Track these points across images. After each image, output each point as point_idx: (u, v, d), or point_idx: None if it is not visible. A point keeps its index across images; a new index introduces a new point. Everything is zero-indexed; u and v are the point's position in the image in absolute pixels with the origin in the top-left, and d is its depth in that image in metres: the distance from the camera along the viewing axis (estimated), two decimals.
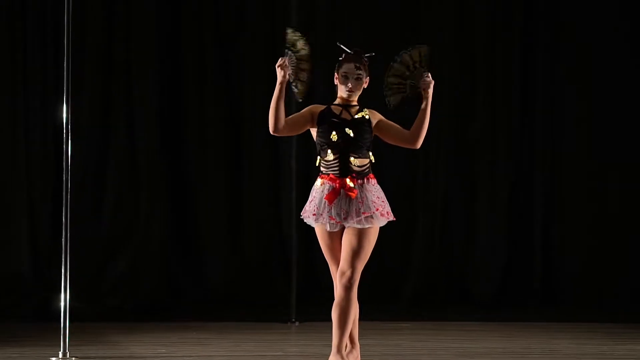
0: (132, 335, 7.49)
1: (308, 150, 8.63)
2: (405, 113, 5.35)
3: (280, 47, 8.87)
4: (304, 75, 5.32)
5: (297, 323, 8.16)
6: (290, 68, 5.27)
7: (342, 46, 5.35)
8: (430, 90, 5.26)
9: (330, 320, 5.13)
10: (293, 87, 5.34)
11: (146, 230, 9.01)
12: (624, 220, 9.10)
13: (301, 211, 5.35)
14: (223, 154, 9.10)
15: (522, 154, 9.25)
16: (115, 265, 8.93)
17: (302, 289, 8.61)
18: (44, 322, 7.94)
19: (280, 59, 5.26)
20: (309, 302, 8.61)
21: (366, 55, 5.34)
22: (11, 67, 8.88)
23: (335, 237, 5.28)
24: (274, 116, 5.24)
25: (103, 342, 7.10)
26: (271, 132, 5.28)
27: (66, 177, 5.96)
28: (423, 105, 5.27)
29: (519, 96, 9.25)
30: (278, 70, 5.24)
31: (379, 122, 5.34)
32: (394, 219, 5.28)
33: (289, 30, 5.31)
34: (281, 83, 5.26)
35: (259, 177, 9.14)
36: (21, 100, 8.87)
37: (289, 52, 5.29)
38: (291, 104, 6.29)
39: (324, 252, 5.31)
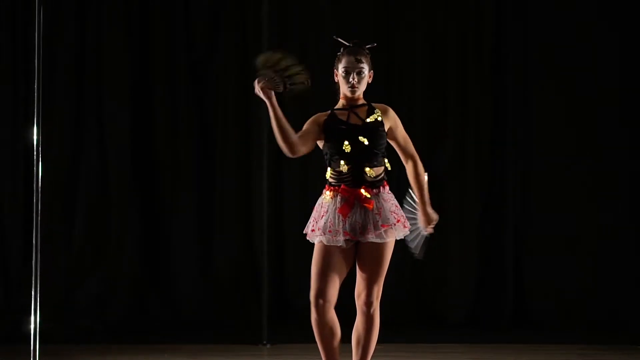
0: (103, 357, 7.47)
1: (280, 176, 8.71)
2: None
3: (252, 71, 8.92)
4: (296, 71, 4.66)
5: (268, 345, 8.15)
6: (272, 82, 4.62)
7: (339, 39, 4.87)
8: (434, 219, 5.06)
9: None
10: (291, 88, 4.67)
11: (117, 252, 8.99)
12: (595, 243, 9.12)
13: (305, 227, 4.84)
14: (194, 177, 9.09)
15: (493, 175, 9.27)
16: (86, 287, 8.90)
17: (274, 311, 8.62)
18: (14, 344, 7.89)
19: (256, 84, 4.64)
20: (280, 324, 8.63)
21: (367, 46, 4.88)
22: None
23: (338, 254, 4.70)
24: (283, 139, 4.63)
25: None
26: (289, 156, 4.75)
27: (36, 199, 5.92)
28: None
29: (489, 120, 9.27)
30: (260, 94, 4.61)
31: (390, 128, 4.85)
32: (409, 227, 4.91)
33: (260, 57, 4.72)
34: (269, 101, 4.60)
35: (230, 199, 9.14)
36: None
37: (264, 72, 4.64)
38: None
39: (317, 269, 4.70)
